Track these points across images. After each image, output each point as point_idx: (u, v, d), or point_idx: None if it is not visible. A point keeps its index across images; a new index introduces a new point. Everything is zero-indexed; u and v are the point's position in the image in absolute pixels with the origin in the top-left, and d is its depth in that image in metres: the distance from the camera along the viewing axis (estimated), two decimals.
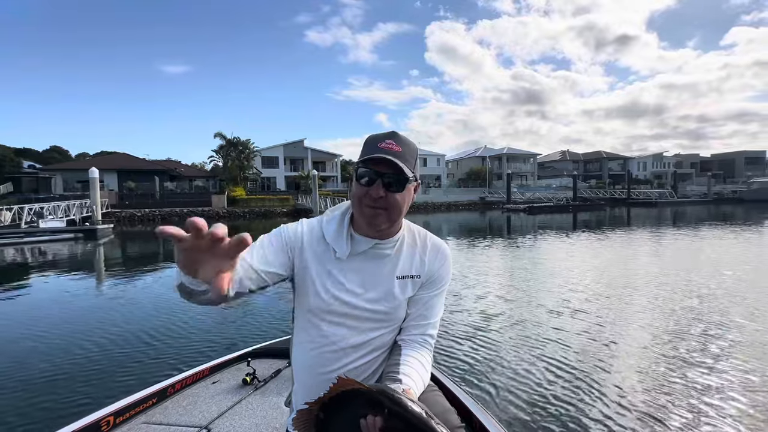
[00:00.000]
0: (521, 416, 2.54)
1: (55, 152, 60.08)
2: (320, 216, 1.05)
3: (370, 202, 0.91)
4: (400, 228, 1.02)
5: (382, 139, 0.93)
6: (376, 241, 0.98)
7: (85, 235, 15.02)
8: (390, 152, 0.90)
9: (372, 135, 0.95)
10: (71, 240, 14.18)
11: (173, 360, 3.52)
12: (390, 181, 0.90)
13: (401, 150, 0.91)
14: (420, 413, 0.70)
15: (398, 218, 0.96)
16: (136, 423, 1.50)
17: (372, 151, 0.91)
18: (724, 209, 28.79)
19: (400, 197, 0.92)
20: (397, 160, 0.89)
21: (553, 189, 43.98)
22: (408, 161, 0.92)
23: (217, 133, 34.54)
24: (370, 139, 0.95)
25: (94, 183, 16.94)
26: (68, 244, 13.26)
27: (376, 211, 0.92)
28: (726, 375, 3.06)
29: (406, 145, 0.93)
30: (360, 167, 0.92)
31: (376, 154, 0.89)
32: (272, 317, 4.70)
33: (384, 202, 0.91)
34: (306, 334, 1.00)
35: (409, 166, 0.91)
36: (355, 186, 0.94)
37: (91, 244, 13.51)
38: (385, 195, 0.90)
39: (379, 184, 0.90)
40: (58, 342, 4.06)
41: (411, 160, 0.93)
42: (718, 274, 6.73)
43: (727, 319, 4.39)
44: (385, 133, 0.95)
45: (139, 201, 28.66)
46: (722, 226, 16.18)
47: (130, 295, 6.30)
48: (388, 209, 0.92)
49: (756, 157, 62.97)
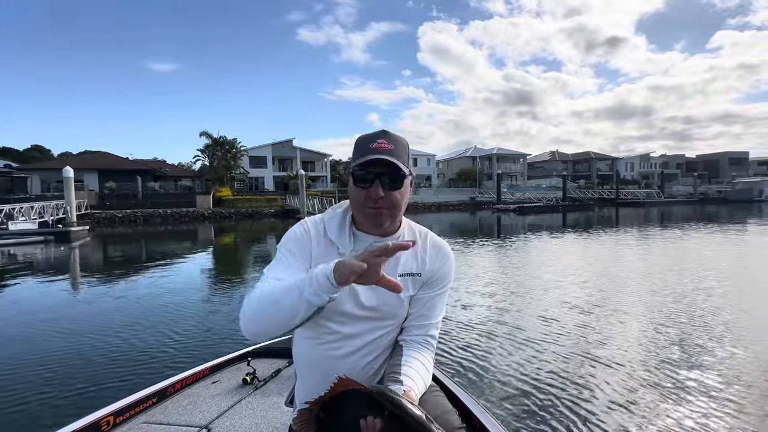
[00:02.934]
0: (522, 416, 2.53)
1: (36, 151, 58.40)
2: (321, 214, 1.06)
3: (371, 203, 0.92)
4: (400, 224, 1.03)
5: (374, 139, 0.93)
6: (377, 238, 0.99)
7: (57, 237, 14.27)
8: (383, 151, 0.90)
9: (362, 135, 0.96)
10: (41, 243, 13.48)
11: (173, 360, 3.52)
12: (387, 180, 0.91)
13: (393, 147, 0.92)
14: (420, 416, 0.71)
15: (399, 214, 0.98)
16: (137, 423, 1.49)
17: (365, 152, 0.91)
18: (710, 209, 29.21)
19: (399, 194, 0.94)
20: (391, 158, 0.89)
21: (543, 189, 44.15)
22: (401, 157, 0.92)
23: (202, 132, 33.77)
24: (361, 140, 0.96)
25: (69, 183, 16.23)
26: (39, 247, 12.63)
27: (378, 210, 0.93)
28: (722, 368, 3.15)
29: (397, 141, 0.94)
30: (356, 170, 0.92)
31: (370, 155, 0.90)
32: None
33: (384, 202, 0.92)
34: (308, 332, 1.00)
35: (403, 162, 0.92)
36: (354, 189, 0.94)
37: (65, 247, 12.89)
38: (385, 194, 0.91)
39: (377, 185, 0.91)
40: (58, 342, 4.04)
41: (404, 155, 0.94)
42: (705, 273, 6.77)
43: (716, 312, 4.58)
44: (375, 132, 0.96)
45: (120, 201, 27.77)
46: (709, 226, 16.29)
47: (111, 297, 6.09)
48: (389, 207, 0.93)
49: (739, 157, 64.46)
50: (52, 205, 18.22)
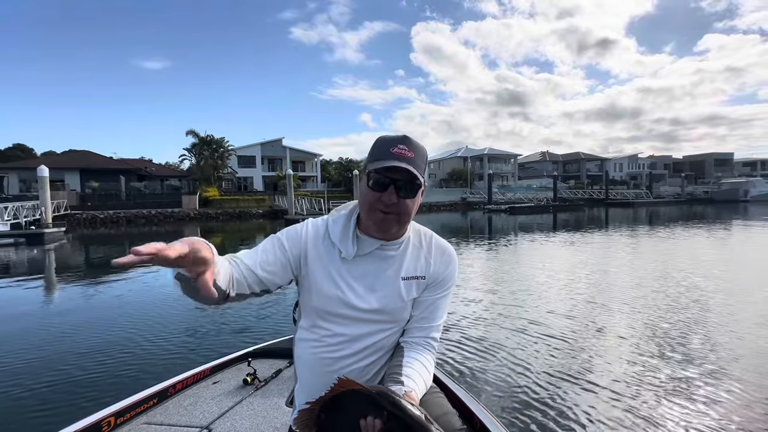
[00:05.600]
0: (523, 417, 2.51)
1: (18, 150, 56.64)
2: (326, 215, 1.05)
3: (383, 207, 0.91)
4: (407, 230, 1.01)
5: (395, 144, 0.91)
6: (381, 242, 0.98)
7: (29, 239, 13.56)
8: (404, 158, 0.89)
9: (383, 137, 0.95)
10: (11, 245, 12.82)
11: (174, 360, 3.50)
12: (403, 188, 0.90)
13: (413, 156, 0.91)
14: (419, 416, 0.71)
15: (408, 222, 0.98)
16: (137, 423, 1.48)
17: (384, 156, 0.90)
18: (697, 209, 29.60)
19: (411, 203, 0.93)
20: (410, 167, 0.89)
21: (534, 189, 44.24)
22: (419, 167, 0.91)
23: (189, 131, 33.06)
24: (382, 141, 0.94)
25: (44, 182, 15.53)
26: (9, 250, 12.01)
27: (388, 216, 0.92)
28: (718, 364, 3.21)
29: (417, 150, 0.92)
30: (373, 172, 0.90)
31: (390, 159, 0.89)
32: (273, 317, 4.71)
33: (396, 208, 0.92)
34: (310, 333, 1.00)
35: (420, 171, 0.91)
36: (367, 191, 0.93)
37: (37, 250, 12.28)
38: (398, 201, 0.91)
39: (392, 191, 0.90)
40: (58, 343, 4.02)
41: (422, 165, 0.93)
42: (698, 271, 6.82)
43: (705, 311, 4.67)
44: (397, 136, 0.93)
45: (103, 202, 26.94)
46: (698, 226, 16.34)
47: (93, 300, 5.80)
48: (399, 214, 0.93)
49: (724, 158, 65.69)
50: (28, 206, 17.41)
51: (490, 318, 4.63)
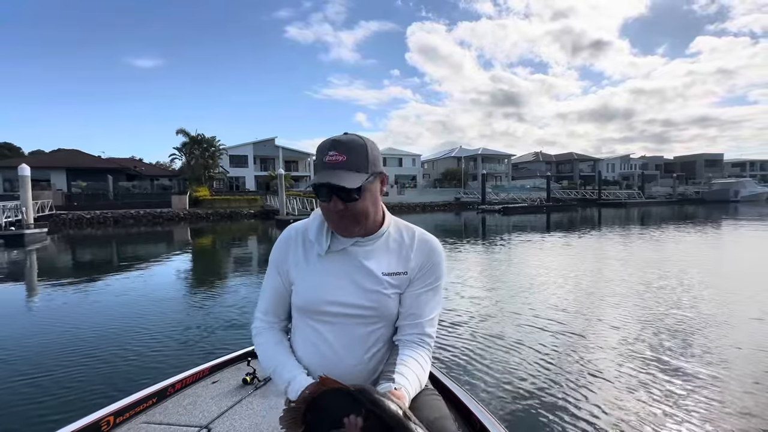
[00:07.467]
0: (522, 415, 2.51)
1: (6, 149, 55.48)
2: (308, 218, 1.08)
3: (335, 215, 0.93)
4: (382, 223, 1.02)
5: (326, 152, 0.90)
6: (356, 238, 0.99)
7: (8, 241, 13.10)
8: (336, 165, 0.89)
9: (320, 144, 0.93)
10: None
11: (173, 360, 3.49)
12: (344, 195, 0.90)
13: (345, 158, 0.90)
14: (396, 413, 0.72)
15: (368, 219, 0.97)
16: (136, 423, 1.48)
17: (319, 167, 0.92)
18: (689, 209, 29.86)
19: (361, 204, 0.92)
20: (339, 178, 0.87)
21: (527, 190, 44.28)
22: (357, 164, 0.90)
23: (179, 130, 32.50)
24: (318, 149, 0.93)
25: (25, 182, 14.99)
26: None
27: (344, 220, 0.94)
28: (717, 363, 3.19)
29: (351, 149, 0.90)
30: (314, 185, 0.91)
31: (323, 170, 0.90)
32: None
33: (347, 212, 0.92)
34: (301, 333, 1.03)
35: (360, 168, 0.90)
36: (319, 201, 0.96)
37: (17, 251, 11.86)
38: (345, 206, 0.91)
39: (335, 200, 0.90)
40: (58, 342, 3.99)
41: (361, 160, 0.91)
42: (691, 269, 6.78)
43: (698, 310, 4.67)
44: (328, 142, 0.92)
45: (89, 202, 26.40)
46: (689, 225, 16.38)
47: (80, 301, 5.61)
48: (354, 215, 0.93)
49: (714, 159, 66.55)
50: (10, 206, 16.90)
51: (489, 318, 4.59)
